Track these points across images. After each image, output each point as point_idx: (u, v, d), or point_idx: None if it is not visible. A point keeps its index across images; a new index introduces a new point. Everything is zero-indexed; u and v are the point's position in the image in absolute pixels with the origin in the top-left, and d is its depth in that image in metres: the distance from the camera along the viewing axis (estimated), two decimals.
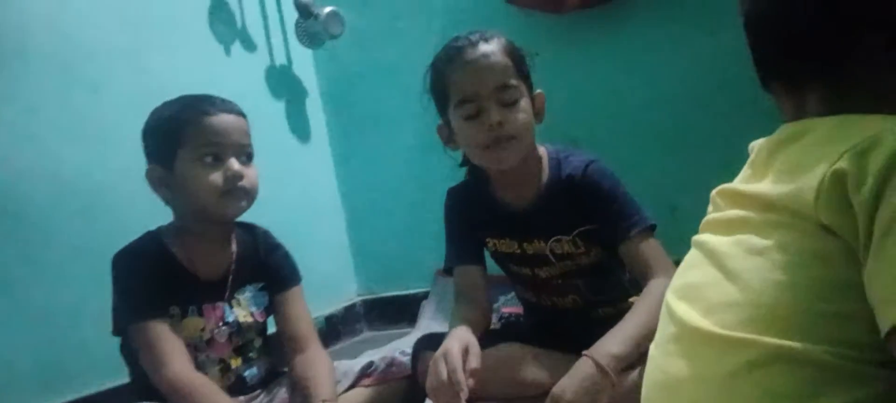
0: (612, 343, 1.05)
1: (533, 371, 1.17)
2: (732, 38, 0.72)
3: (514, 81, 1.19)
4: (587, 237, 1.24)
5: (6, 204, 1.47)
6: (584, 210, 1.21)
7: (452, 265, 1.34)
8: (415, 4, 2.21)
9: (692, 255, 0.69)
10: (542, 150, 1.28)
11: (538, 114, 1.24)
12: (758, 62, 0.69)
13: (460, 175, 1.40)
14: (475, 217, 1.32)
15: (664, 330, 0.68)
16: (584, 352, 1.05)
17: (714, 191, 0.70)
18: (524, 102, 1.19)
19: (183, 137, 1.21)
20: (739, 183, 0.68)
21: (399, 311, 2.26)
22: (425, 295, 2.16)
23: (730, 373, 0.57)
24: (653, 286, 1.13)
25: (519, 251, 1.28)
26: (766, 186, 0.62)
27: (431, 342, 1.28)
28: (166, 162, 1.22)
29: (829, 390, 0.53)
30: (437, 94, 1.25)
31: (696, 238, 0.70)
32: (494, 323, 1.42)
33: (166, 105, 1.25)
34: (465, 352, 1.08)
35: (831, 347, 0.53)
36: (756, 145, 0.69)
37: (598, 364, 1.02)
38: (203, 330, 1.24)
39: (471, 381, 1.05)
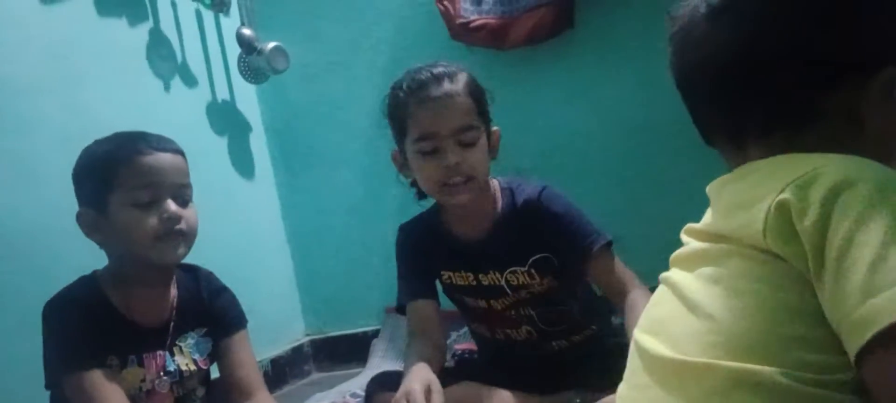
0: None
1: None
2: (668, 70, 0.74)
3: (474, 122, 1.19)
4: (542, 266, 1.24)
5: None
6: (540, 237, 1.22)
7: (405, 301, 1.32)
8: (360, 40, 2.21)
9: (659, 291, 0.70)
10: (494, 182, 1.30)
11: (493, 149, 1.26)
12: (699, 121, 0.70)
13: (409, 210, 1.40)
14: (429, 250, 1.31)
15: (632, 365, 0.68)
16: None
17: (683, 230, 0.72)
18: (482, 141, 1.21)
19: (116, 179, 1.14)
20: (700, 223, 0.70)
21: (349, 351, 2.22)
22: (375, 334, 2.13)
23: (693, 399, 0.58)
24: (636, 300, 1.14)
25: (474, 283, 1.28)
26: (718, 221, 0.64)
27: (386, 381, 1.25)
28: (99, 205, 1.16)
29: None
30: (395, 123, 1.25)
31: (662, 275, 0.71)
32: (448, 361, 1.40)
33: (98, 144, 1.19)
34: (428, 391, 1.06)
35: (791, 370, 0.53)
36: (712, 186, 0.70)
37: None
38: (143, 380, 1.18)
39: None
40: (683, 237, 0.71)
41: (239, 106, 2.26)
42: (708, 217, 0.69)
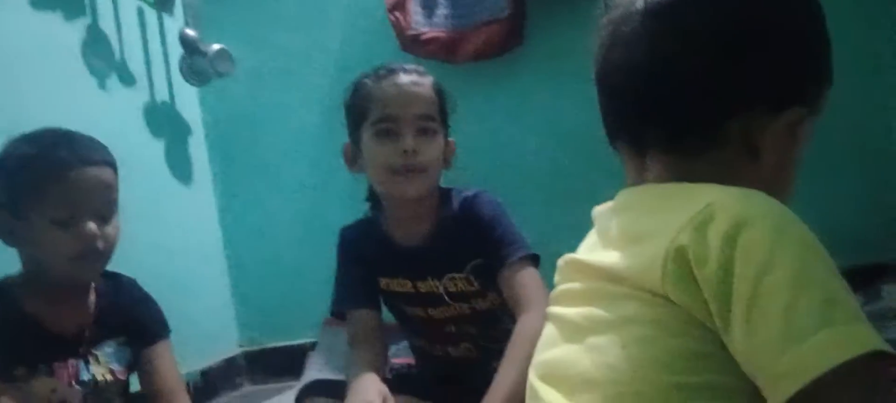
0: None
1: None
2: None
3: (436, 117, 1.21)
4: (480, 273, 1.22)
5: None
6: (474, 242, 1.21)
7: (345, 308, 1.29)
8: (310, 46, 2.18)
9: (549, 330, 0.69)
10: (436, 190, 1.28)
11: (447, 160, 1.26)
12: (609, 123, 0.70)
13: (350, 219, 1.37)
14: (369, 256, 1.29)
15: None
16: None
17: (560, 260, 0.71)
18: (440, 140, 1.21)
19: (35, 190, 1.09)
20: (585, 252, 0.68)
21: (284, 363, 2.15)
22: (312, 346, 2.08)
23: None
24: (522, 328, 1.12)
25: (412, 290, 1.26)
26: (610, 258, 0.62)
27: (317, 388, 1.23)
28: (15, 210, 1.10)
29: None
30: (354, 109, 1.24)
31: (548, 310, 0.70)
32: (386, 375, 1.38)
33: (19, 143, 1.12)
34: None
35: None
36: (598, 211, 0.70)
37: None
38: (54, 391, 1.11)
39: None
40: (564, 269, 0.69)
41: (179, 108, 2.19)
42: (593, 245, 0.68)
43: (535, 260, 1.21)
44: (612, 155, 0.74)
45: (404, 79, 1.20)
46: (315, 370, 1.98)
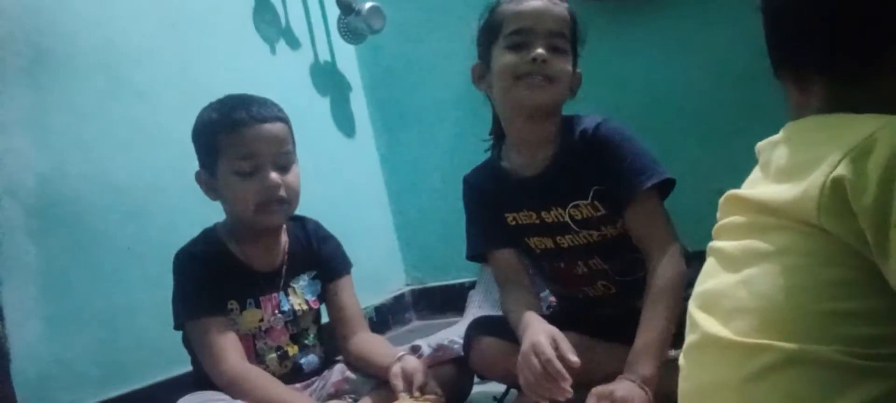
0: (645, 364, 1.04)
1: (601, 362, 1.12)
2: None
3: (567, 37, 1.21)
4: (605, 198, 1.20)
5: (61, 211, 1.51)
6: (598, 168, 1.19)
7: (485, 249, 1.31)
8: None
9: (709, 263, 0.70)
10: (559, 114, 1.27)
11: (573, 90, 1.24)
12: (772, 47, 0.69)
13: None
14: (494, 195, 1.30)
15: (689, 338, 0.69)
16: (621, 376, 1.04)
17: (722, 198, 0.71)
18: (568, 63, 1.21)
19: (220, 148, 1.23)
20: (746, 187, 0.68)
21: (446, 301, 2.29)
22: (472, 285, 2.18)
23: (747, 378, 0.58)
24: (660, 278, 1.10)
25: (537, 221, 1.25)
26: (766, 191, 0.63)
27: (486, 325, 1.29)
28: (210, 168, 1.26)
29: (847, 390, 0.53)
30: (487, 28, 1.25)
31: (710, 245, 0.70)
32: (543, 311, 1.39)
33: (208, 109, 1.27)
34: (554, 343, 1.05)
35: (843, 346, 0.53)
36: (761, 146, 0.69)
37: (640, 387, 1.02)
38: (261, 320, 1.29)
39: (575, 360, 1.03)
40: (724, 206, 0.70)
41: (339, 66, 2.34)
42: (756, 180, 0.68)
43: (665, 188, 1.18)
44: (768, 89, 0.73)
45: (538, 0, 1.21)
46: (475, 306, 2.08)
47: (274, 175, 1.23)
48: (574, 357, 1.02)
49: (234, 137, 1.22)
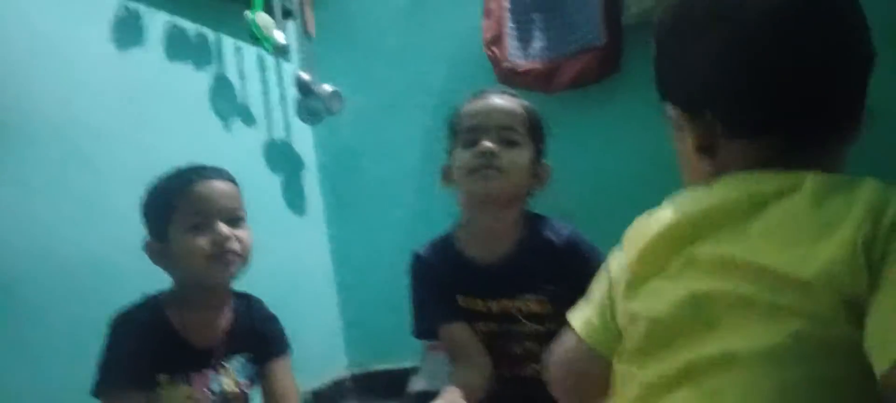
0: None
1: None
2: None
3: (520, 131, 1.25)
4: (558, 299, 1.20)
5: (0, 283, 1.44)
6: (558, 273, 1.21)
7: (437, 324, 1.30)
8: (412, 84, 2.29)
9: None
10: (518, 211, 1.30)
11: (540, 180, 1.30)
12: (767, 104, 0.65)
13: None
14: (447, 274, 1.31)
15: None
16: None
17: (645, 242, 0.69)
18: (525, 152, 1.25)
19: (172, 208, 1.23)
20: (711, 241, 0.62)
21: (390, 386, 2.23)
22: (415, 370, 2.14)
23: None
24: None
25: (485, 310, 1.27)
26: (767, 250, 0.57)
27: (424, 398, 1.26)
28: (160, 234, 1.25)
29: None
30: (450, 130, 1.32)
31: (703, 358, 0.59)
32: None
33: (160, 179, 1.28)
34: None
35: None
36: (733, 189, 0.64)
37: None
38: (189, 398, 1.23)
39: None
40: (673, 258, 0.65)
41: (295, 145, 2.35)
42: (723, 236, 0.61)
43: None
44: None
45: (492, 95, 1.28)
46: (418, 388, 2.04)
47: (225, 227, 1.23)
48: None
49: (185, 195, 1.23)
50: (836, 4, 0.65)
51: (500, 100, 1.28)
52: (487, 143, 1.21)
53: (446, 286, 1.30)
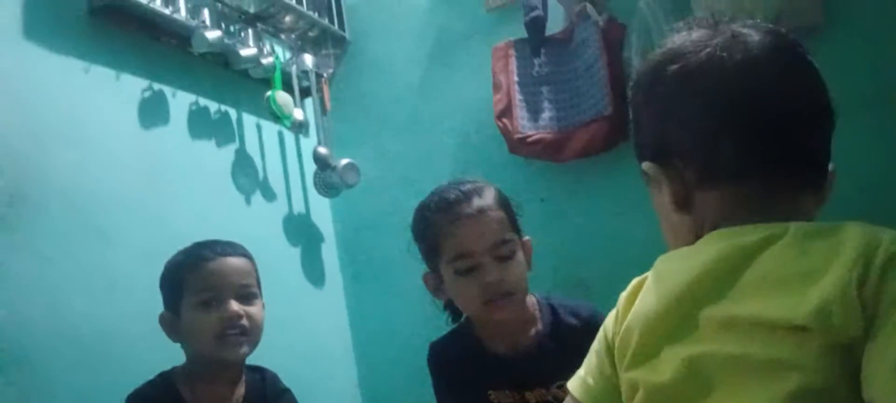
0: None
1: None
2: None
3: (509, 235, 1.17)
4: None
5: (9, 353, 1.44)
6: (587, 351, 1.19)
7: None
8: (426, 155, 2.34)
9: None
10: (531, 298, 1.27)
11: (527, 260, 1.23)
12: (755, 151, 0.66)
13: None
14: (471, 368, 1.26)
15: None
16: None
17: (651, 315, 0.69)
18: (519, 255, 1.19)
19: (184, 283, 1.26)
20: (711, 302, 0.62)
21: None
22: None
23: None
24: None
25: (520, 400, 1.24)
26: (763, 304, 0.57)
27: None
28: (174, 308, 1.28)
29: None
30: (426, 244, 1.24)
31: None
32: None
33: (177, 253, 1.32)
34: None
35: None
36: (721, 250, 0.64)
37: None
38: None
39: None
40: (683, 323, 0.64)
41: (313, 218, 2.40)
42: (717, 292, 0.61)
43: None
44: None
45: (469, 209, 1.15)
46: None
47: (235, 305, 1.24)
48: None
49: (197, 272, 1.25)
50: (806, 56, 0.69)
51: (481, 213, 1.15)
52: (492, 275, 1.13)
53: (471, 381, 1.26)
